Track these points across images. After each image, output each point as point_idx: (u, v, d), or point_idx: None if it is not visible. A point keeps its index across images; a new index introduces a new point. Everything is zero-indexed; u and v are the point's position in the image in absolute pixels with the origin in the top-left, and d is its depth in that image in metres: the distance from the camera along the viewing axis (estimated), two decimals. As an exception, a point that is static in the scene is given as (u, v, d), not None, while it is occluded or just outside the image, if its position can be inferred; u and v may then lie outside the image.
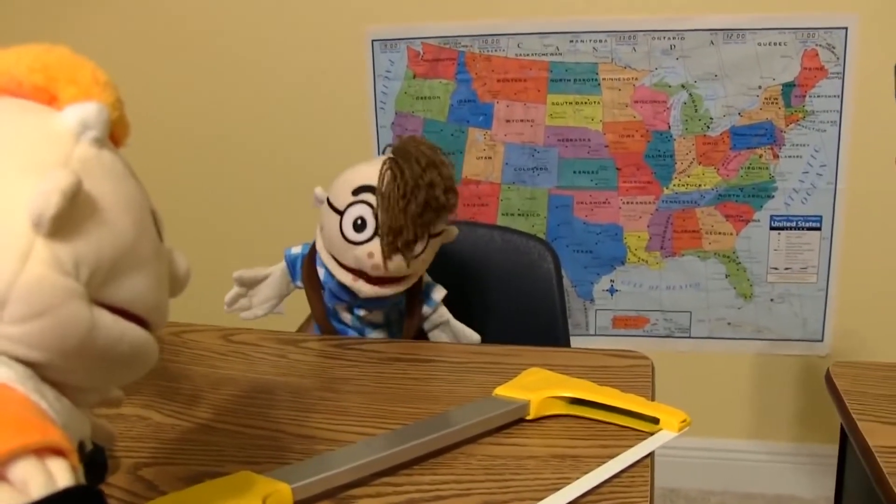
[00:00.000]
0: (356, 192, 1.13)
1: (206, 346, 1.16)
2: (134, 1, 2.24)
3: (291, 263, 1.27)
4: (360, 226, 1.12)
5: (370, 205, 1.11)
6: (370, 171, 1.13)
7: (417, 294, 1.25)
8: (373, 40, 2.15)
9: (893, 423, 0.87)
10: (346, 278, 1.16)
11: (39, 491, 0.40)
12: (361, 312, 1.22)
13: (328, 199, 1.17)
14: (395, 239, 1.11)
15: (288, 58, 2.21)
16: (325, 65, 2.20)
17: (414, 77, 2.15)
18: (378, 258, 1.11)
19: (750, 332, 2.20)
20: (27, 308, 0.44)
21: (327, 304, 1.24)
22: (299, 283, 1.27)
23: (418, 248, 1.13)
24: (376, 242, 1.11)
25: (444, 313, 1.28)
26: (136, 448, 0.85)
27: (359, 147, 2.20)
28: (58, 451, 0.42)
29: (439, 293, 1.27)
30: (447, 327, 1.29)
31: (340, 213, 1.13)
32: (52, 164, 0.47)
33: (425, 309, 1.26)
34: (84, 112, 0.49)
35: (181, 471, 0.82)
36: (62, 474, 0.41)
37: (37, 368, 0.47)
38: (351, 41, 2.16)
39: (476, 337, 1.28)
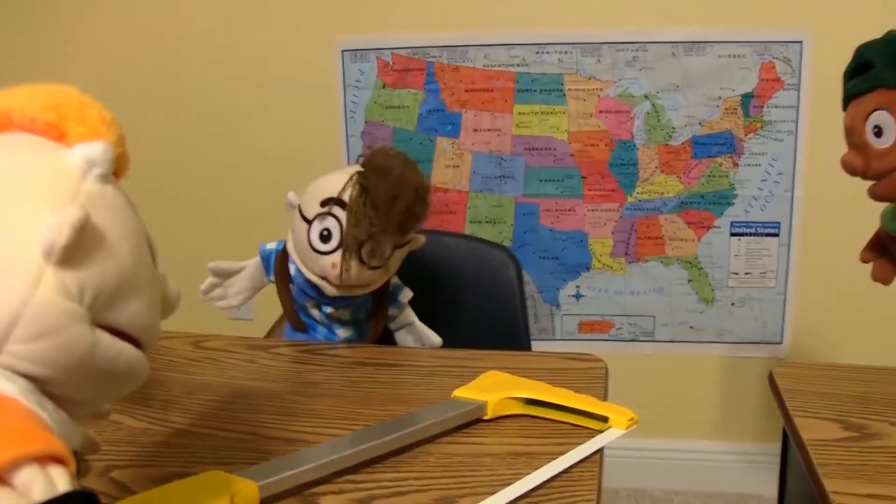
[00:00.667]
0: (324, 203, 1.17)
1: (178, 352, 1.20)
2: (106, 10, 2.26)
3: (266, 258, 1.31)
4: (325, 237, 1.16)
5: (336, 217, 1.16)
6: (339, 183, 1.17)
7: (385, 295, 1.30)
8: (343, 50, 2.19)
9: (827, 419, 0.92)
10: (314, 277, 1.20)
11: (41, 495, 0.44)
12: (329, 310, 1.27)
13: (299, 207, 1.22)
14: (358, 251, 1.15)
15: (259, 67, 2.24)
16: (296, 74, 2.23)
17: (383, 87, 2.19)
18: (339, 268, 1.15)
19: (712, 335, 2.26)
20: (35, 329, 0.49)
21: (296, 300, 1.29)
22: (272, 278, 1.31)
23: (381, 259, 1.17)
24: (339, 254, 1.16)
25: (410, 315, 1.34)
26: (108, 451, 0.87)
27: (329, 155, 2.24)
28: (58, 459, 0.47)
29: (406, 295, 1.32)
30: (412, 329, 1.34)
31: (309, 223, 1.18)
32: (62, 198, 0.51)
33: (392, 310, 1.32)
34: (91, 151, 0.54)
35: (153, 472, 0.85)
36: (62, 480, 0.46)
37: (39, 383, 0.51)
38: (321, 51, 2.20)
39: (437, 340, 1.33)
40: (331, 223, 1.16)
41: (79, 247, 0.50)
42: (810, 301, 2.20)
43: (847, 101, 1.06)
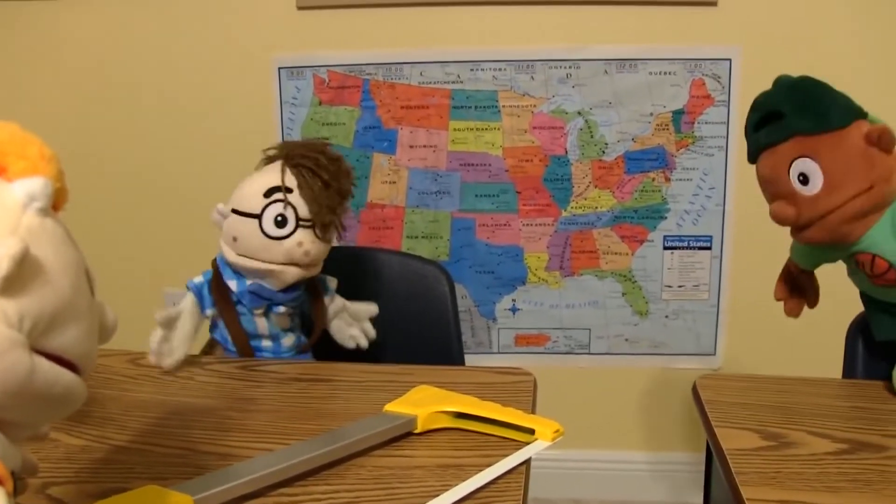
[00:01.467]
0: (268, 193, 1.22)
1: (115, 370, 1.20)
2: (45, 31, 2.24)
3: (198, 291, 1.29)
4: (280, 222, 1.21)
5: (287, 202, 1.21)
6: (272, 177, 1.24)
7: (316, 286, 1.34)
8: (279, 67, 2.19)
9: (747, 429, 0.95)
10: (275, 267, 1.23)
11: None
12: (281, 310, 1.28)
13: (235, 210, 1.25)
14: (323, 226, 1.23)
15: (195, 84, 2.24)
16: (233, 91, 2.23)
17: (320, 104, 2.20)
18: (308, 244, 1.22)
19: (647, 347, 2.29)
20: None
21: (242, 317, 1.29)
22: (208, 312, 1.29)
23: (332, 233, 1.26)
24: (301, 232, 1.21)
25: (339, 299, 1.38)
26: (46, 469, 0.88)
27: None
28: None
29: (333, 282, 1.37)
30: (344, 313, 1.39)
31: (258, 216, 1.21)
32: (2, 231, 0.53)
33: (326, 298, 1.36)
34: (31, 186, 0.56)
35: (90, 488, 0.85)
36: (1, 500, 0.47)
37: None
38: (258, 68, 2.20)
39: (373, 307, 1.40)
40: (281, 208, 1.21)
41: (19, 277, 0.52)
42: (742, 313, 2.24)
43: (757, 152, 1.10)
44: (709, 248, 2.21)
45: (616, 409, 2.35)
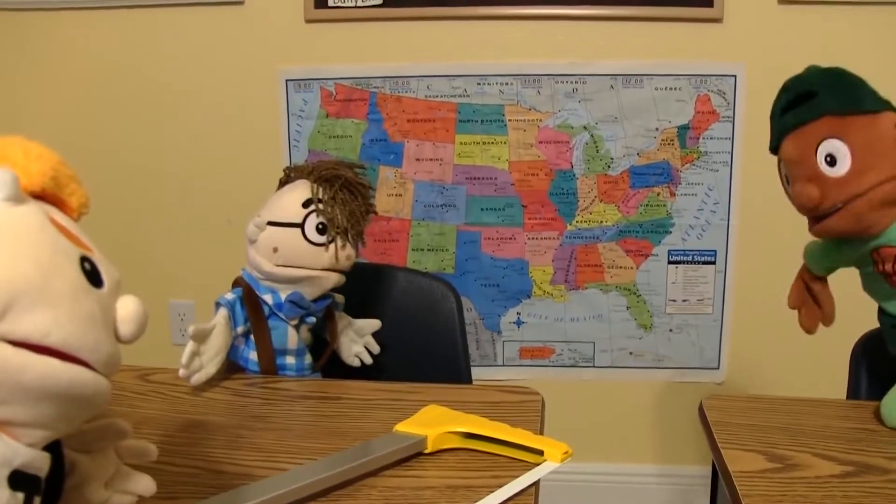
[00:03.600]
0: (306, 204, 1.27)
1: (124, 385, 1.20)
2: (56, 42, 2.26)
3: (231, 307, 1.28)
4: (321, 230, 1.26)
5: (321, 211, 1.27)
6: (304, 190, 1.29)
7: (330, 305, 1.36)
8: (287, 80, 2.21)
9: (752, 450, 0.95)
10: (316, 273, 1.27)
11: None
12: (312, 320, 1.32)
13: (272, 222, 1.28)
14: (356, 234, 1.30)
15: (203, 96, 2.25)
16: (241, 104, 2.24)
17: (327, 116, 2.21)
18: (349, 249, 1.28)
19: (650, 360, 2.30)
20: None
21: (272, 331, 1.30)
22: (239, 329, 1.29)
23: (362, 240, 1.33)
24: (341, 239, 1.27)
25: (345, 316, 1.42)
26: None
27: (272, 183, 2.21)
28: None
29: (341, 297, 1.39)
30: (349, 330, 1.42)
31: (300, 225, 1.26)
32: None
33: (337, 313, 1.39)
34: None
35: (100, 507, 0.86)
36: None
37: None
38: (265, 81, 2.21)
39: (376, 322, 1.43)
40: (321, 218, 1.27)
41: None
42: (746, 327, 2.25)
43: (783, 135, 1.06)
44: (713, 263, 2.22)
45: (620, 422, 2.36)
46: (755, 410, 1.09)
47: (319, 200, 1.28)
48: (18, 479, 0.54)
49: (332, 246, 1.26)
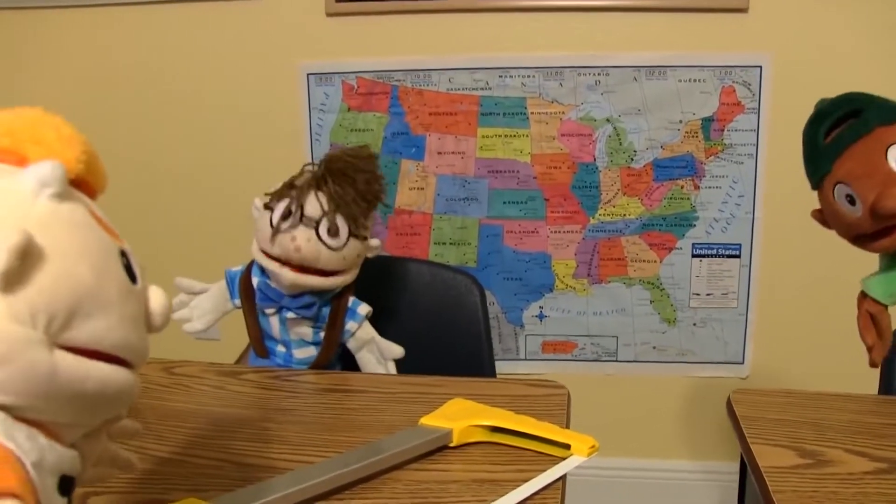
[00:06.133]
0: (282, 188, 1.28)
1: (150, 378, 1.20)
2: (78, 38, 2.26)
3: (231, 280, 1.35)
4: (285, 215, 1.23)
5: (291, 197, 1.25)
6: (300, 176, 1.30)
7: (342, 308, 1.33)
8: (308, 74, 2.20)
9: (782, 446, 0.94)
10: (273, 265, 1.25)
11: None
12: (290, 315, 1.29)
13: (263, 203, 1.30)
14: (316, 227, 1.23)
15: (225, 91, 2.25)
16: (263, 98, 2.24)
17: (348, 110, 2.21)
18: (301, 241, 1.22)
19: (674, 355, 2.28)
20: None
21: (259, 313, 1.31)
22: (237, 302, 1.33)
23: (338, 239, 1.25)
24: (301, 229, 1.23)
25: (370, 330, 1.36)
26: (84, 480, 0.88)
27: (295, 178, 2.25)
28: (9, 493, 0.46)
29: (364, 309, 1.35)
30: (373, 345, 1.36)
31: (270, 209, 1.26)
32: (11, 223, 0.50)
33: (351, 324, 1.33)
34: (40, 171, 0.53)
35: (129, 499, 0.86)
36: None
37: (9, 410, 0.50)
38: (287, 75, 2.21)
39: (399, 350, 1.35)
40: (289, 203, 1.24)
41: (24, 270, 0.49)
42: (771, 321, 2.23)
43: (834, 156, 1.05)
44: (738, 257, 2.20)
45: (643, 417, 2.35)
46: (784, 405, 1.08)
47: (293, 186, 1.26)
48: (64, 484, 0.53)
49: (283, 233, 1.23)
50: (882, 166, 1.00)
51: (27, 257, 0.49)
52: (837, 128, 1.05)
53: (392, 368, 1.37)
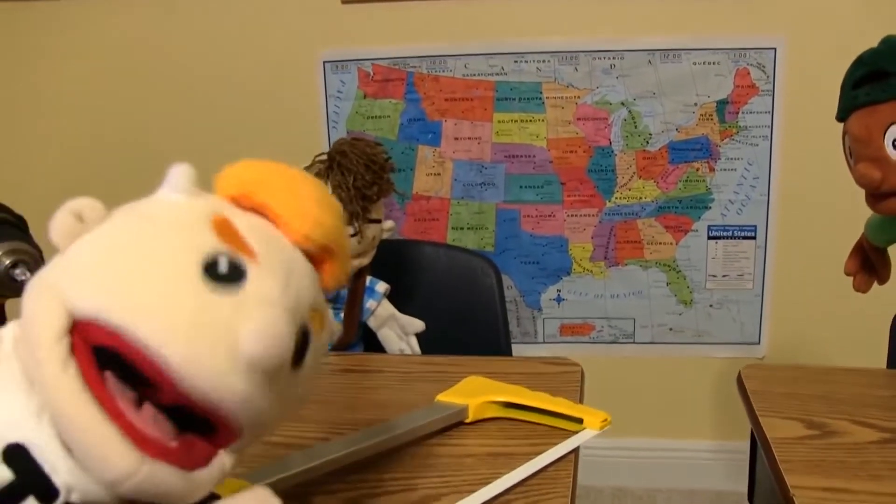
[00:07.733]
0: None
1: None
2: (96, 25, 2.29)
3: None
4: None
5: None
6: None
7: (361, 288, 1.35)
8: (324, 61, 2.22)
9: (791, 418, 0.96)
10: None
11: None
12: None
13: None
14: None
15: (241, 79, 2.27)
16: (279, 86, 2.26)
17: (364, 97, 2.23)
18: None
19: (691, 336, 2.30)
20: None
21: None
22: None
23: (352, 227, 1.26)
24: None
25: (389, 307, 1.39)
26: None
27: (313, 165, 2.27)
28: None
29: (382, 286, 1.37)
30: (393, 322, 1.39)
31: None
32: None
33: (371, 302, 1.36)
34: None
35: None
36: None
37: None
38: (303, 63, 2.23)
39: (420, 324, 1.39)
40: None
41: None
42: (787, 302, 2.24)
43: (852, 109, 1.03)
44: (753, 238, 2.21)
45: (660, 398, 2.36)
46: (793, 380, 1.09)
47: None
48: None
49: None
50: (875, 141, 0.99)
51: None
52: (869, 81, 1.04)
53: (414, 342, 1.40)
